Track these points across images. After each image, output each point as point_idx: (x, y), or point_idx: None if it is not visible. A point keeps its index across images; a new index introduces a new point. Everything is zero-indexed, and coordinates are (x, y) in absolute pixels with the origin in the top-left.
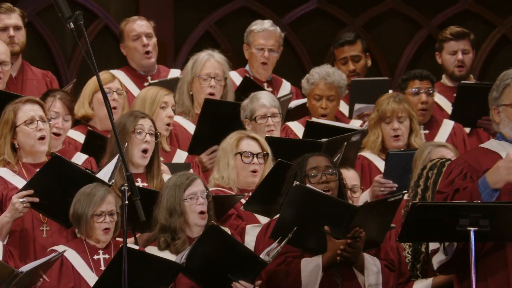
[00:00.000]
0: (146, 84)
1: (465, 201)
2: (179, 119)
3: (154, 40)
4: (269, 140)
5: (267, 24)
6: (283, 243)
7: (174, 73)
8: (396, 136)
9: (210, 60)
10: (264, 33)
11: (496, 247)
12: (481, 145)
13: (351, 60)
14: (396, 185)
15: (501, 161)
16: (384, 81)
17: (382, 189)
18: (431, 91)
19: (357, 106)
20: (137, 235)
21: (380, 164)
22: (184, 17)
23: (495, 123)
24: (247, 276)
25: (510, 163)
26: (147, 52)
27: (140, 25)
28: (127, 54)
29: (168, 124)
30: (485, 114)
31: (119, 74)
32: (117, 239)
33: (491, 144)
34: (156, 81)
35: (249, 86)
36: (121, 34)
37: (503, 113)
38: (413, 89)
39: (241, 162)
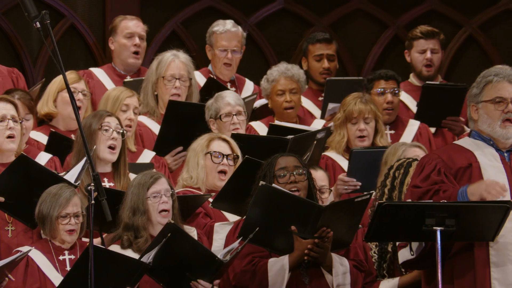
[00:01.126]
0: None
1: (431, 201)
2: (143, 119)
3: (145, 44)
4: (235, 136)
5: (229, 24)
6: (244, 243)
7: None
8: (362, 136)
9: (175, 61)
10: (226, 34)
11: (463, 249)
12: (455, 142)
13: (327, 58)
14: (359, 183)
15: (489, 180)
16: (358, 81)
17: (346, 187)
18: (396, 91)
19: (330, 105)
20: (103, 235)
21: (344, 164)
22: (151, 17)
23: (472, 120)
24: (205, 276)
25: (494, 185)
26: (136, 53)
27: (136, 25)
28: (115, 49)
29: (128, 127)
30: (449, 114)
31: (98, 72)
32: (83, 239)
33: (465, 142)
34: (131, 79)
35: (213, 86)
36: (114, 28)
37: (482, 109)
38: (379, 89)
39: (210, 162)
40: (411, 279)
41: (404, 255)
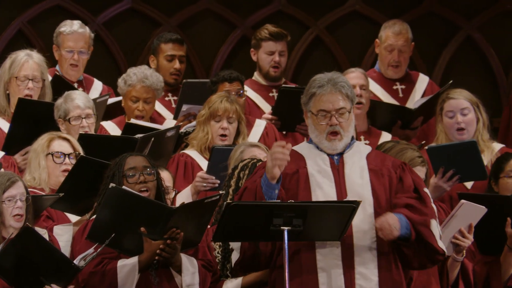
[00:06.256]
0: None
1: (279, 200)
2: None
3: None
4: (83, 137)
5: (76, 25)
6: (99, 249)
7: None
8: (224, 135)
9: (28, 62)
10: (73, 35)
11: (292, 254)
12: (293, 147)
13: (178, 59)
14: (218, 181)
15: (270, 152)
16: None
17: (205, 184)
18: (241, 92)
19: (185, 106)
20: None
21: (203, 163)
22: None
23: (307, 126)
24: (60, 280)
25: (273, 152)
26: None
27: None
28: None
29: None
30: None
31: None
32: None
33: (301, 147)
34: None
35: (60, 84)
36: None
37: (310, 119)
38: (224, 92)
39: (52, 163)
40: (254, 278)
41: (234, 256)
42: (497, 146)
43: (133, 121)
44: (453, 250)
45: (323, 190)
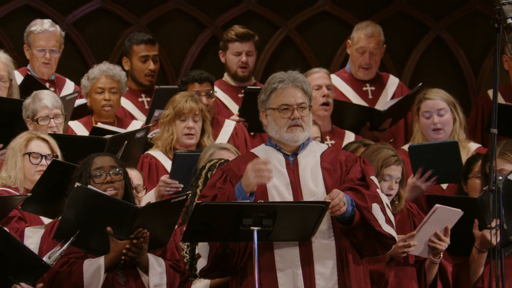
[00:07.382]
0: None
1: (248, 201)
2: None
3: None
4: (52, 136)
5: (46, 24)
6: (65, 246)
7: None
8: (190, 134)
9: None
10: (44, 34)
11: (251, 255)
12: (252, 150)
13: (152, 59)
14: (182, 185)
15: (249, 164)
16: None
17: (168, 189)
18: (211, 93)
19: (157, 112)
20: None
21: (167, 164)
22: None
23: (264, 126)
24: (28, 278)
25: (255, 165)
26: None
27: None
28: None
29: None
30: None
31: None
32: None
33: (259, 149)
34: None
35: (32, 84)
36: None
37: (270, 116)
38: (193, 92)
39: (29, 163)
40: (222, 279)
41: (201, 263)
42: (474, 146)
43: (99, 125)
44: (430, 253)
45: (279, 191)
